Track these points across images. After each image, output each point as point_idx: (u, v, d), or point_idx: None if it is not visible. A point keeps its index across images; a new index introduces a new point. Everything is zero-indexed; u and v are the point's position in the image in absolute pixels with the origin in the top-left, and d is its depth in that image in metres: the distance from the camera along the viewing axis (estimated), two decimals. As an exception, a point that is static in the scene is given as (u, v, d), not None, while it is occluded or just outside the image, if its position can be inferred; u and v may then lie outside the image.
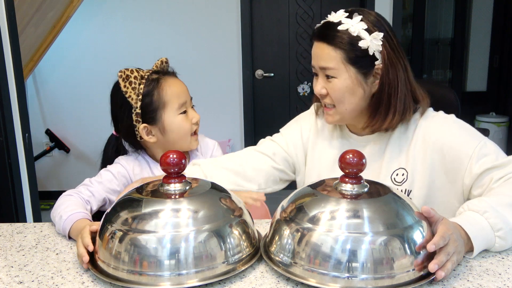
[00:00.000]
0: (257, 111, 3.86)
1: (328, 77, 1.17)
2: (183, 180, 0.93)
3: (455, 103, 1.50)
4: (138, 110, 1.18)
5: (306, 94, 3.85)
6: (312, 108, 1.37)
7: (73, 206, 1.10)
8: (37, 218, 2.29)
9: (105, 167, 1.28)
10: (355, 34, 1.13)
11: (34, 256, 0.99)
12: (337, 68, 1.14)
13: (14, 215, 2.12)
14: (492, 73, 4.94)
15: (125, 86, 1.17)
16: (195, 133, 1.25)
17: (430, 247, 0.83)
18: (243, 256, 0.89)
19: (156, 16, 3.71)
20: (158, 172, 1.26)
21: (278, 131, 1.38)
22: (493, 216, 0.95)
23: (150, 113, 1.19)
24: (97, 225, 0.94)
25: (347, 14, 1.15)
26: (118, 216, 0.88)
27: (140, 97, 1.17)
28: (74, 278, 0.89)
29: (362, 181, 0.90)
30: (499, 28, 4.79)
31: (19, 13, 2.49)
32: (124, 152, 1.31)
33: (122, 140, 1.29)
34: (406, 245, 0.81)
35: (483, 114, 4.68)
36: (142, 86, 1.17)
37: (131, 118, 1.19)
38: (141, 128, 1.20)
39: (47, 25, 3.18)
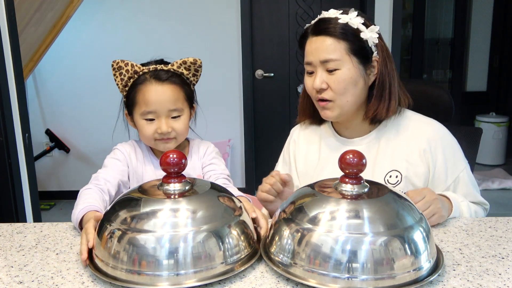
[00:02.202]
0: (257, 111, 3.85)
1: (329, 70, 1.19)
2: (183, 180, 0.93)
3: (450, 104, 1.50)
4: (124, 98, 1.29)
5: (306, 94, 3.84)
6: (291, 134, 1.43)
7: (90, 200, 1.12)
8: (37, 218, 2.29)
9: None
10: (355, 27, 1.19)
11: (34, 256, 0.98)
12: (340, 59, 1.18)
13: (14, 215, 2.12)
14: (492, 73, 4.94)
15: (114, 74, 1.24)
16: (163, 139, 1.24)
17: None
18: (242, 257, 0.89)
19: (156, 16, 3.71)
20: (154, 161, 1.31)
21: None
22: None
23: (129, 106, 1.28)
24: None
25: (341, 11, 1.22)
26: (117, 215, 0.88)
27: (127, 88, 1.25)
28: (74, 278, 0.89)
29: (362, 181, 0.90)
30: (499, 28, 4.79)
31: (19, 13, 2.49)
32: None
33: None
34: (407, 246, 0.81)
35: (483, 114, 4.68)
36: (132, 80, 1.23)
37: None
38: (125, 113, 1.31)
39: (47, 25, 3.18)
